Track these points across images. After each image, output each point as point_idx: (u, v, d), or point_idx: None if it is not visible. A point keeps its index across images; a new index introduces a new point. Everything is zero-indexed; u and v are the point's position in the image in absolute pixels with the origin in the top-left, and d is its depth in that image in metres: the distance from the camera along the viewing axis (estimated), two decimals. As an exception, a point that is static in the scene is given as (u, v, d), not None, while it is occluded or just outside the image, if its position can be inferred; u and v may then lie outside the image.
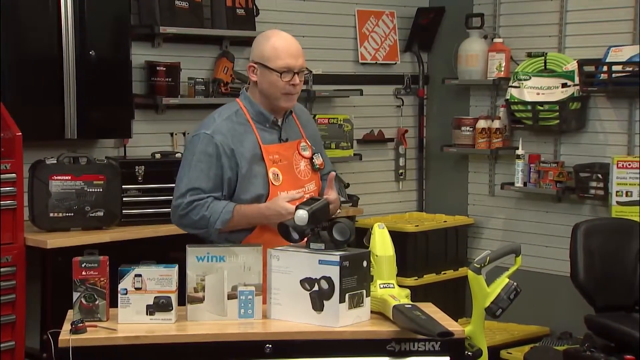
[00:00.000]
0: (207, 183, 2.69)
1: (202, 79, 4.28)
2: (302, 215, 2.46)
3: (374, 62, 5.07)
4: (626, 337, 3.29)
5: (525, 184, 4.74)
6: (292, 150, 2.80)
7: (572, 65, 4.57)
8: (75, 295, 2.38)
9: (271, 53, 2.70)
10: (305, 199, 2.67)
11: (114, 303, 2.40)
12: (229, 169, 2.70)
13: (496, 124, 4.89)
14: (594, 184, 4.47)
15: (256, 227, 2.73)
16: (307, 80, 4.75)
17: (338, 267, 2.33)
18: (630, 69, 4.30)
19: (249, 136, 2.74)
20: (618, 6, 4.50)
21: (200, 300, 2.42)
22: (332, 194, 2.75)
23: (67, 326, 2.34)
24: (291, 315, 2.40)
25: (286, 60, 2.70)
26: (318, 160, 2.83)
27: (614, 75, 4.35)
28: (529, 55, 4.78)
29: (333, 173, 2.82)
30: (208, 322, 2.41)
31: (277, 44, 2.71)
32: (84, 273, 2.38)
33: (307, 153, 2.82)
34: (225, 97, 4.35)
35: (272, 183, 2.72)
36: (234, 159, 2.70)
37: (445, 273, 4.89)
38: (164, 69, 4.14)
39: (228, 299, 2.42)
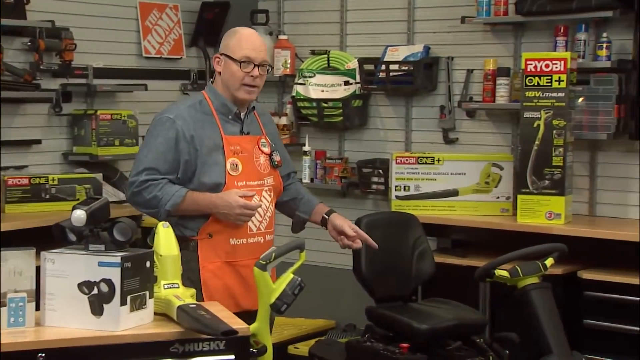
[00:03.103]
0: (164, 165, 2.86)
1: (-33, 70, 4.00)
2: (79, 215, 2.38)
3: (159, 56, 5.00)
4: (402, 326, 3.49)
5: (312, 179, 4.89)
6: (253, 144, 2.98)
7: (354, 64, 4.79)
8: None
9: (234, 44, 2.92)
10: (253, 200, 2.88)
11: None
12: (186, 153, 2.86)
13: (283, 120, 5.00)
14: (375, 179, 4.71)
15: (210, 217, 2.89)
16: (86, 74, 4.60)
17: (119, 268, 2.29)
18: (406, 68, 4.59)
19: (211, 126, 2.91)
20: (393, 7, 4.78)
21: (-36, 310, 2.27)
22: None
23: None
24: (68, 321, 2.33)
25: (247, 51, 2.90)
26: (277, 157, 3.04)
27: (391, 74, 4.62)
28: (313, 52, 4.94)
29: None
30: (-27, 333, 2.27)
31: (241, 37, 2.94)
32: None
33: (267, 149, 3.01)
34: (-5, 90, 4.09)
35: (229, 172, 2.89)
36: (193, 145, 2.86)
37: (234, 271, 4.93)
38: None
39: (-4, 307, 2.30)
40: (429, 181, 4.41)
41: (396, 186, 4.44)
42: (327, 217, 3.11)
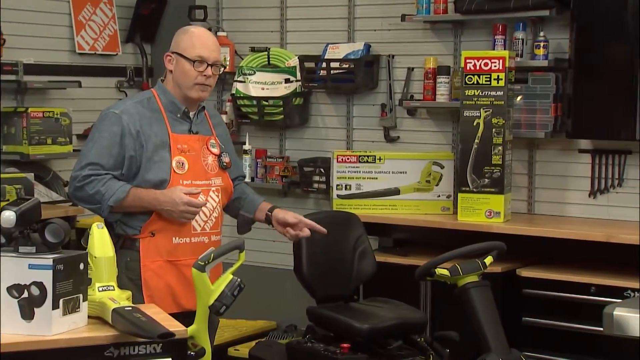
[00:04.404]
0: (108, 160, 2.88)
1: None
2: (8, 216, 2.35)
3: (93, 52, 4.94)
4: (343, 326, 3.52)
5: (252, 179, 4.89)
6: (201, 143, 3.00)
7: (294, 61, 4.81)
8: None
9: (187, 43, 2.96)
10: (199, 198, 2.91)
11: None
12: (131, 149, 2.89)
13: (223, 118, 4.98)
14: (317, 178, 4.74)
15: (153, 214, 2.90)
16: (16, 70, 4.52)
17: (51, 271, 2.27)
18: (347, 65, 4.63)
19: (159, 123, 2.94)
20: (334, 4, 4.81)
21: None
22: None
23: None
24: (-3, 327, 2.29)
25: (200, 50, 2.94)
26: (225, 158, 3.05)
27: (332, 71, 4.65)
28: (253, 50, 4.95)
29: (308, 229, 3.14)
30: None
31: (194, 36, 2.98)
32: None
33: (216, 150, 3.03)
34: None
35: (174, 170, 2.91)
36: (139, 141, 2.89)
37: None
38: None
39: None
40: (371, 180, 4.45)
41: (337, 185, 4.48)
42: (270, 213, 3.14)
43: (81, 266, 2.37)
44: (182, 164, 2.94)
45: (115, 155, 2.89)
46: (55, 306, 2.28)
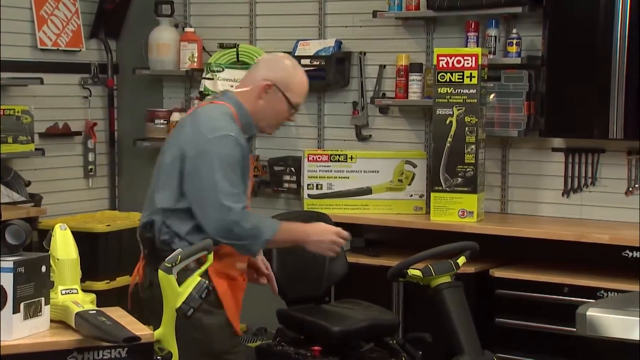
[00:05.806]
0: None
1: None
2: (-32, 218, 2.32)
3: (56, 48, 4.89)
4: (314, 328, 3.53)
5: (221, 178, 4.87)
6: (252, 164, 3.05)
7: (264, 58, 4.80)
8: None
9: (297, 88, 2.92)
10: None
11: None
12: (243, 173, 2.81)
13: (191, 117, 4.97)
14: (287, 177, 4.74)
15: None
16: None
17: (12, 274, 2.25)
18: (317, 63, 4.63)
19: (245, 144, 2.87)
20: (304, 0, 4.81)
21: None
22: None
23: None
24: (-45, 332, 2.26)
25: (302, 100, 2.96)
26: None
27: (303, 69, 4.64)
28: (221, 46, 4.93)
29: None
30: None
31: (304, 83, 2.95)
32: None
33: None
34: None
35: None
36: (246, 164, 2.83)
37: (139, 275, 4.87)
38: None
39: None
40: (342, 179, 4.46)
41: (308, 185, 4.48)
42: None
43: (43, 269, 2.35)
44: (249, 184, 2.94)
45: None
46: (16, 310, 2.26)
